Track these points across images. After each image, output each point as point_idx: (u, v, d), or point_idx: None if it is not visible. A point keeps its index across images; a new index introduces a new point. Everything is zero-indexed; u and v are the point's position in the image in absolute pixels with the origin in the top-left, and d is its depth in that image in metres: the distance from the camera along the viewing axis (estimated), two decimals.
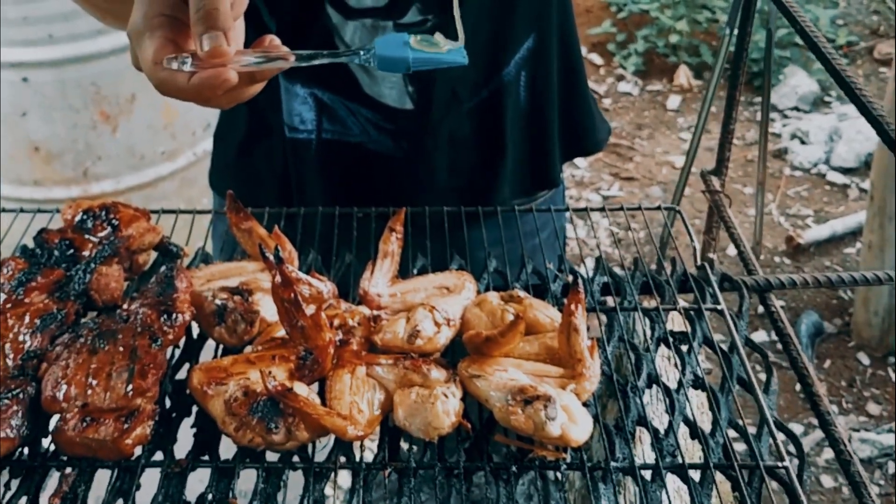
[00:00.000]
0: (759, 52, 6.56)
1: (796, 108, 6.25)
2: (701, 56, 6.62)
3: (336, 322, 1.34)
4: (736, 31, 1.69)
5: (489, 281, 1.53)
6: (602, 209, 1.72)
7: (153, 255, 1.57)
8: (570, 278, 1.53)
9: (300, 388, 1.22)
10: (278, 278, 1.25)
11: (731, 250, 4.52)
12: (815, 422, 3.42)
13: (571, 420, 1.20)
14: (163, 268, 1.39)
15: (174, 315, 1.30)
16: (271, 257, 1.26)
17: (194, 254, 1.60)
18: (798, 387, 3.93)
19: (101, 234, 1.45)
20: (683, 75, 6.66)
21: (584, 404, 1.24)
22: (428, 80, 1.55)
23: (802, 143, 5.86)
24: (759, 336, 4.16)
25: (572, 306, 1.27)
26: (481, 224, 1.61)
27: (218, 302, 1.35)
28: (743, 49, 1.61)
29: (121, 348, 1.22)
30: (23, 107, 3.16)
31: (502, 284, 1.53)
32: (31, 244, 1.46)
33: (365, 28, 1.52)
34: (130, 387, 1.18)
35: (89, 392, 1.17)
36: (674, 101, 6.50)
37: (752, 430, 1.24)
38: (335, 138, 1.62)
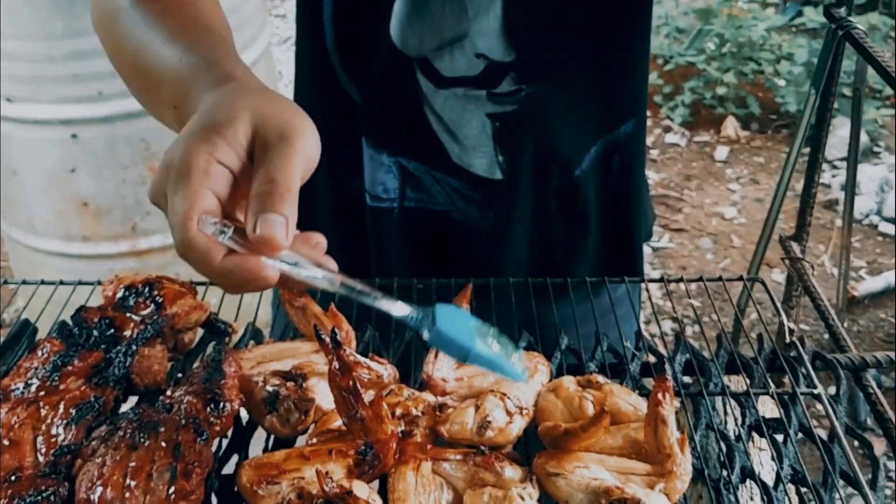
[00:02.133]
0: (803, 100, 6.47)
1: (845, 159, 6.09)
2: (748, 107, 6.52)
3: (398, 411, 1.22)
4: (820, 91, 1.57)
5: (561, 361, 1.40)
6: (680, 279, 1.59)
7: (199, 331, 1.46)
8: (650, 357, 1.40)
9: (360, 489, 1.10)
10: (335, 364, 1.14)
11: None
12: None
13: None
14: (210, 351, 1.28)
15: (222, 404, 1.19)
16: (328, 340, 1.14)
17: (244, 329, 1.49)
18: None
19: (145, 313, 1.35)
20: (731, 126, 6.56)
21: None
22: (518, 151, 1.49)
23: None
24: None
25: (659, 395, 1.15)
26: (551, 299, 1.49)
27: (269, 388, 1.24)
28: (827, 109, 1.49)
29: (163, 443, 1.11)
30: (72, 163, 3.19)
31: (576, 364, 1.40)
32: (69, 321, 1.35)
33: (456, 97, 1.46)
34: (173, 489, 1.06)
35: (127, 495, 1.05)
36: (721, 153, 6.39)
37: None
38: (419, 206, 1.55)
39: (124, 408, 1.27)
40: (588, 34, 1.44)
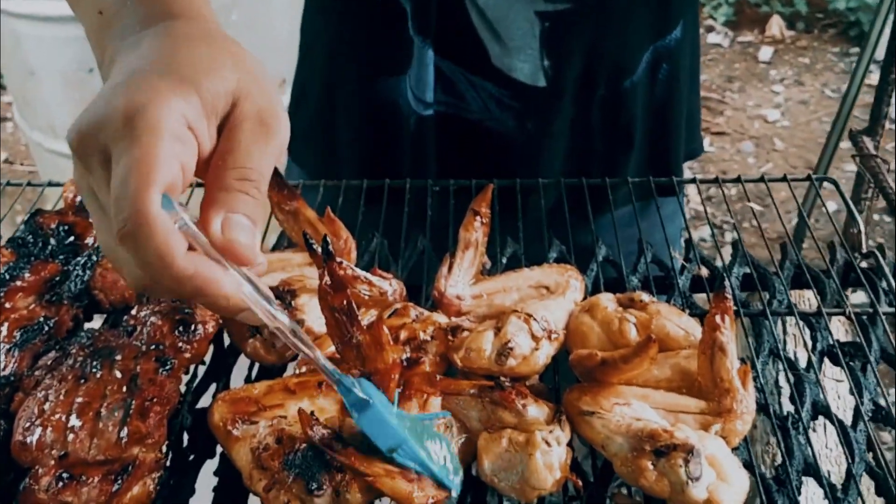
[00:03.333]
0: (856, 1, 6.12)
1: None
2: (794, 5, 6.22)
3: (403, 335, 1.02)
4: None
5: (598, 273, 1.20)
6: (737, 179, 1.37)
7: None
8: (702, 270, 1.19)
9: (354, 429, 0.90)
10: (327, 279, 0.94)
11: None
12: None
13: (721, 478, 0.88)
14: None
15: (193, 326, 1.01)
16: (319, 249, 0.94)
17: None
18: None
19: None
20: (776, 25, 6.28)
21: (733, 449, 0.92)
22: (567, 57, 1.35)
23: None
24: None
25: (717, 317, 0.94)
26: (587, 202, 1.31)
27: None
28: None
29: (117, 374, 0.93)
30: (89, 62, 3.10)
31: (615, 279, 1.20)
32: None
33: None
34: (125, 431, 0.87)
35: (71, 437, 0.87)
36: (766, 53, 6.14)
37: None
38: (450, 112, 1.41)
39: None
40: None
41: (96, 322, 1.14)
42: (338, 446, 0.87)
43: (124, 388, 0.92)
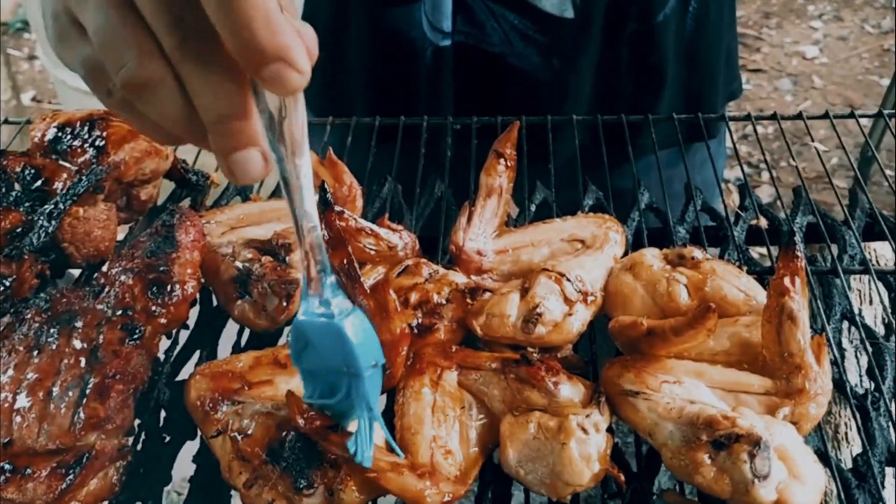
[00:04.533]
0: None
1: None
2: None
3: (414, 297, 0.88)
4: None
5: (640, 224, 1.04)
6: (798, 116, 1.21)
7: (168, 188, 1.15)
8: (762, 221, 1.03)
9: None
10: (325, 233, 0.79)
11: None
12: None
13: (793, 475, 0.74)
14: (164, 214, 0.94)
15: (169, 287, 0.86)
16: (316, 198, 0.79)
17: (228, 184, 1.17)
18: None
19: (82, 160, 1.00)
20: None
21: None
22: None
23: None
24: None
25: (786, 280, 0.79)
26: (627, 142, 1.19)
27: (239, 265, 0.91)
28: None
29: (76, 344, 0.78)
30: None
31: (660, 230, 1.05)
32: None
33: None
34: (81, 414, 0.73)
35: (18, 421, 0.73)
36: None
37: None
38: (469, 44, 1.30)
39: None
40: None
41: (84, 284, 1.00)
42: (333, 436, 0.73)
43: (83, 362, 0.77)
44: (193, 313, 0.96)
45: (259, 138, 0.61)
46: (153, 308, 0.85)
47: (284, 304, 0.90)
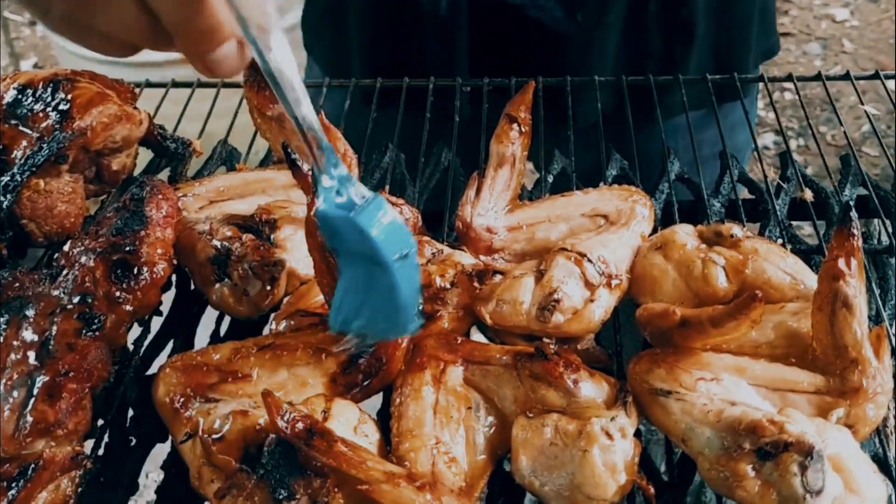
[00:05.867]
0: None
1: None
2: None
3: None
4: None
5: (670, 197, 0.94)
6: (817, 77, 1.10)
7: (147, 157, 1.06)
8: (807, 193, 0.92)
9: (344, 414, 0.70)
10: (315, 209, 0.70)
11: None
12: None
13: (850, 488, 0.68)
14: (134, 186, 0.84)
15: (136, 269, 0.76)
16: (306, 167, 0.70)
17: (211, 151, 1.08)
18: None
19: (44, 125, 0.90)
20: None
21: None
22: None
23: None
24: None
25: (840, 262, 0.70)
26: (654, 106, 1.10)
27: (217, 243, 0.80)
28: None
29: (25, 336, 0.68)
30: None
31: (692, 203, 0.97)
32: None
33: None
34: (27, 418, 0.63)
35: None
36: None
37: None
38: None
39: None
40: None
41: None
42: (318, 441, 0.63)
43: (32, 357, 0.68)
44: (168, 299, 0.86)
45: (229, 29, 0.59)
46: (117, 294, 0.76)
47: (268, 288, 0.80)
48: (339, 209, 0.68)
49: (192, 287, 0.89)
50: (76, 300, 0.73)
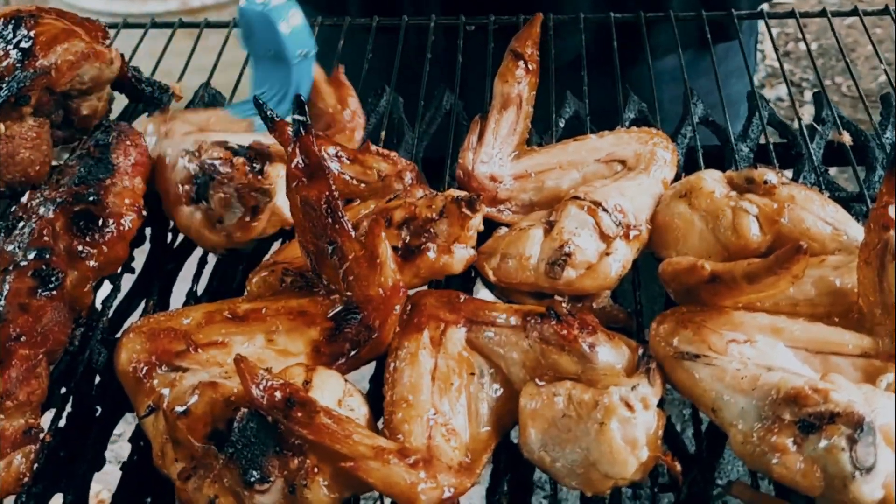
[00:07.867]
0: None
1: None
2: None
3: (398, 215, 0.72)
4: None
5: (694, 141, 0.86)
6: (822, 14, 1.11)
7: (122, 102, 0.99)
8: (845, 136, 0.84)
9: (327, 385, 0.62)
10: (298, 160, 0.63)
11: None
12: None
13: None
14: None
15: (101, 221, 0.70)
16: (291, 121, 0.69)
17: (193, 95, 1.01)
18: None
19: (5, 64, 0.84)
20: None
21: None
22: None
23: None
24: None
25: (891, 210, 0.66)
26: (644, 44, 1.03)
27: (205, 160, 0.74)
28: None
29: None
30: None
31: (717, 148, 0.91)
32: None
33: None
34: None
35: None
36: None
37: None
38: None
39: None
40: None
41: None
42: (299, 413, 0.55)
43: None
44: (141, 255, 0.79)
45: None
46: (80, 248, 0.70)
47: (248, 218, 0.75)
48: (259, 5, 0.82)
49: (168, 241, 0.82)
50: (31, 256, 0.67)
